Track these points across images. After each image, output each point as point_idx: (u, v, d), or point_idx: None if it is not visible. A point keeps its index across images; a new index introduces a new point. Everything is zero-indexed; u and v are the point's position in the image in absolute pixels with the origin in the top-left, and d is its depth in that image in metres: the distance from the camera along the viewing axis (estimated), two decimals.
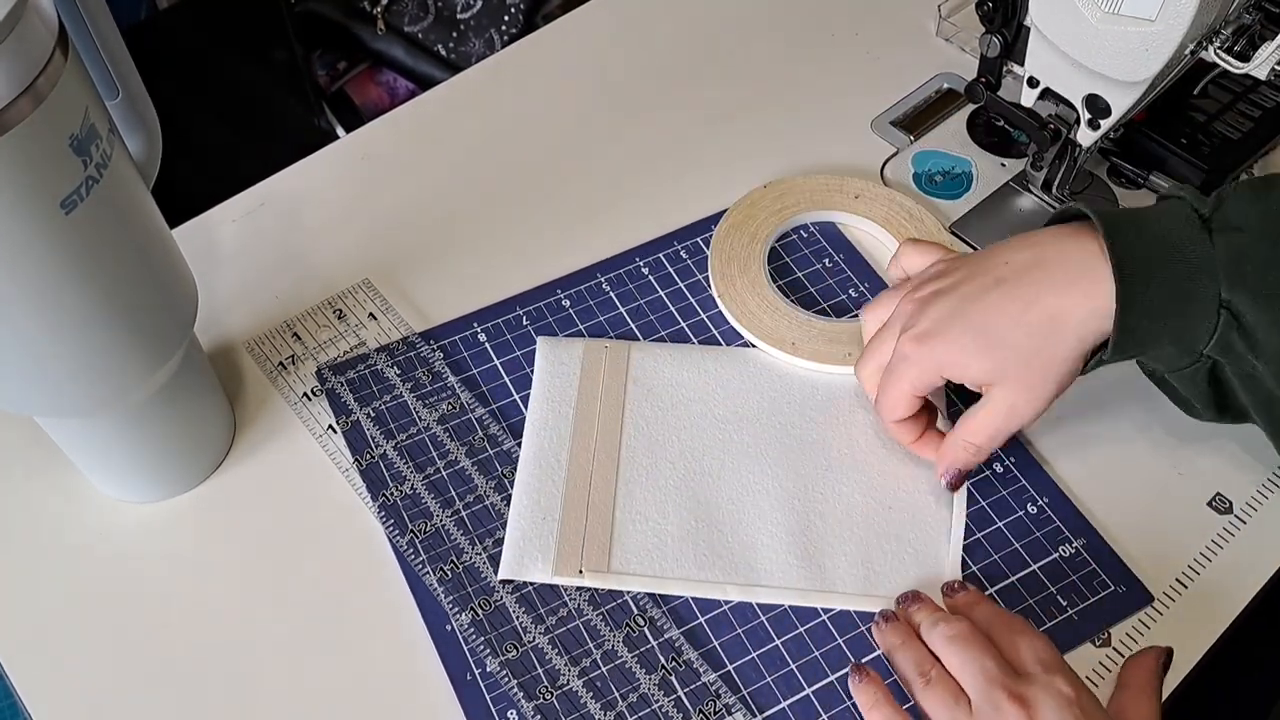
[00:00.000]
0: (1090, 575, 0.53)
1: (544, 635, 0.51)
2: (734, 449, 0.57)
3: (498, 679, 0.50)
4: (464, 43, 1.39)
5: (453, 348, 0.62)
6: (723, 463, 0.56)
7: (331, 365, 0.61)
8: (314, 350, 0.62)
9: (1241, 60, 0.53)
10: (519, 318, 0.63)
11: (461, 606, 0.52)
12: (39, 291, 0.42)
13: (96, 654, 0.52)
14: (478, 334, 0.62)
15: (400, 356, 0.61)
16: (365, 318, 0.63)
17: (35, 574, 0.55)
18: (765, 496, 0.55)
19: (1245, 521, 0.55)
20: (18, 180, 0.39)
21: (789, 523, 0.54)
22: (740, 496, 0.55)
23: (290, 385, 0.61)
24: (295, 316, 0.64)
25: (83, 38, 0.45)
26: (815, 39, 0.79)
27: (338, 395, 0.60)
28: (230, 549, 0.55)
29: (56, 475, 0.57)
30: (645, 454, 0.57)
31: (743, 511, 0.55)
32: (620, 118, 0.75)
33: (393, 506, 0.56)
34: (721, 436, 0.58)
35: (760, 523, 0.54)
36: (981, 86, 0.66)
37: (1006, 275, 0.50)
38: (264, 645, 0.52)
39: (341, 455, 0.58)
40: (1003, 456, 0.57)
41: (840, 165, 0.71)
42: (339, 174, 0.72)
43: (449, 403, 0.59)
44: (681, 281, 0.65)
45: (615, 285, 0.65)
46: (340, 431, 0.58)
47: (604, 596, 0.52)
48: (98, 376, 0.47)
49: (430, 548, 0.54)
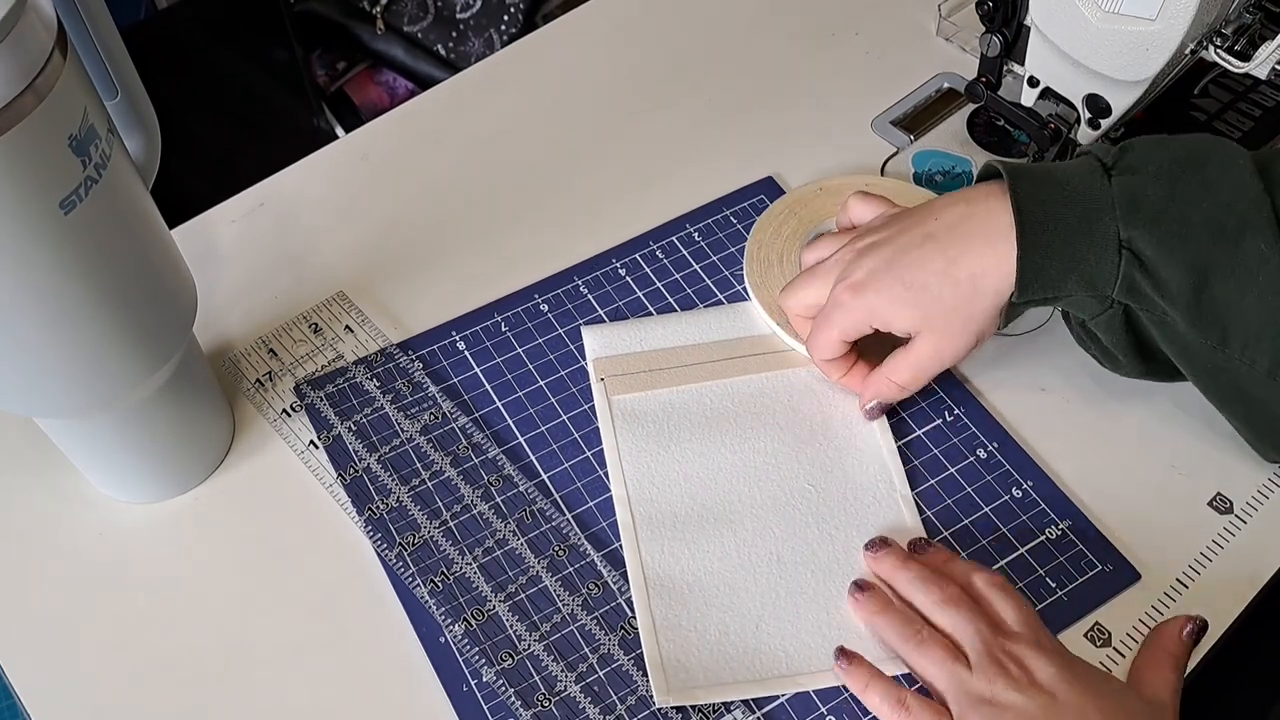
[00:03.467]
0: (1077, 556, 0.53)
1: (539, 643, 0.51)
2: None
3: (494, 689, 0.50)
4: (463, 42, 1.39)
5: (432, 357, 0.61)
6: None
7: (310, 380, 0.60)
8: (291, 366, 0.61)
9: (1242, 60, 0.53)
10: (498, 324, 0.63)
11: (454, 617, 0.52)
12: (38, 292, 0.42)
13: (96, 654, 0.52)
14: (457, 342, 0.62)
15: (379, 368, 0.60)
16: (342, 331, 0.63)
17: (35, 574, 0.55)
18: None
19: (1245, 521, 0.55)
20: (17, 180, 0.39)
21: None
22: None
23: (269, 402, 0.60)
24: (270, 333, 0.63)
25: (82, 37, 0.45)
26: (815, 39, 0.79)
27: (318, 410, 0.59)
28: (229, 549, 0.55)
29: (56, 475, 0.57)
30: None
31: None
32: (619, 118, 0.75)
33: (379, 520, 0.55)
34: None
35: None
36: (982, 86, 0.66)
37: (935, 231, 0.52)
38: (262, 644, 0.52)
39: (325, 471, 0.57)
40: (986, 443, 0.57)
41: (840, 165, 0.71)
42: (338, 174, 0.72)
43: (431, 413, 0.59)
44: (659, 281, 0.65)
45: (593, 287, 0.65)
46: (322, 446, 0.58)
47: (597, 600, 0.52)
48: (97, 377, 0.47)
49: (419, 560, 0.54)
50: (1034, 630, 0.48)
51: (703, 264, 0.65)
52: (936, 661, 0.47)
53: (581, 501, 0.56)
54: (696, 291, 0.64)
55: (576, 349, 0.62)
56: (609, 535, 0.55)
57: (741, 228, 0.67)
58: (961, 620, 0.48)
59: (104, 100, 0.45)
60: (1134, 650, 0.50)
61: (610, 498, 0.56)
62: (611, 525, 0.55)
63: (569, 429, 0.58)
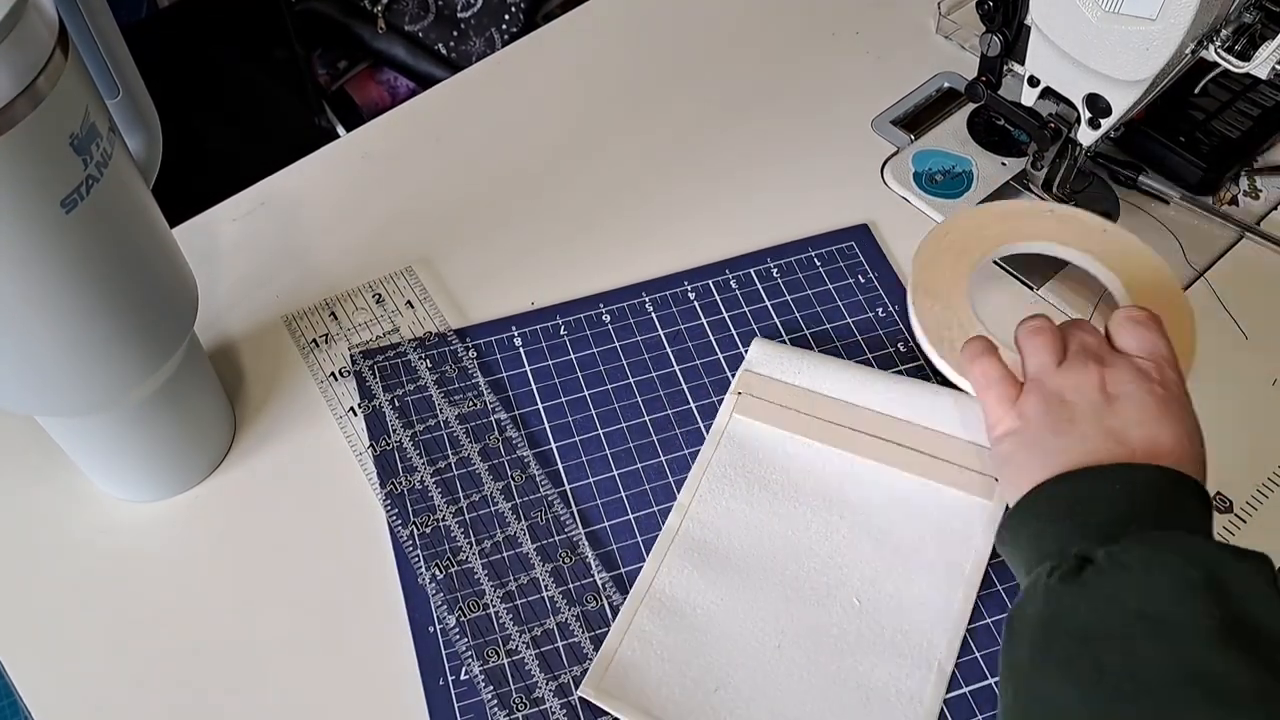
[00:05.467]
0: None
1: (528, 648, 0.51)
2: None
3: (473, 686, 0.50)
4: (464, 42, 1.39)
5: (487, 348, 0.62)
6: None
7: (364, 350, 0.61)
8: (348, 331, 0.63)
9: (1242, 59, 0.53)
10: (557, 326, 0.63)
11: (449, 609, 0.52)
12: (39, 291, 0.42)
13: (96, 653, 0.52)
14: (514, 338, 0.62)
15: (432, 349, 0.61)
16: (403, 305, 0.64)
17: (35, 574, 0.55)
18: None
19: (1245, 521, 0.55)
20: (18, 179, 0.39)
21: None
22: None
23: (320, 363, 0.61)
24: (335, 296, 0.64)
25: (83, 37, 0.45)
26: (815, 39, 0.79)
27: (365, 379, 0.60)
28: (229, 548, 0.55)
29: (57, 475, 0.57)
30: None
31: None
32: (619, 118, 0.75)
33: (399, 496, 0.56)
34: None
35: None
36: (982, 86, 0.66)
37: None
38: (261, 644, 0.52)
39: (358, 439, 0.58)
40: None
41: (840, 165, 0.71)
42: (339, 173, 0.72)
43: (472, 401, 0.59)
44: (726, 311, 0.63)
45: (659, 306, 0.64)
46: (361, 415, 0.59)
47: (595, 618, 0.52)
48: (98, 376, 0.47)
49: (429, 545, 0.54)
50: (1151, 356, 0.48)
51: (775, 301, 0.64)
52: (1040, 346, 0.49)
53: (599, 519, 0.55)
54: (763, 329, 0.62)
55: (630, 365, 0.61)
56: (618, 558, 0.54)
57: (824, 272, 0.65)
58: (1077, 332, 0.50)
59: (105, 99, 0.45)
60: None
61: (628, 520, 0.55)
62: (624, 549, 0.54)
63: (602, 444, 0.58)
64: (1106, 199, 0.68)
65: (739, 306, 0.63)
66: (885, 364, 0.61)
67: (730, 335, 0.62)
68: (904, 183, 0.70)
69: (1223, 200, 0.68)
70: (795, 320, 0.63)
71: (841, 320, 0.63)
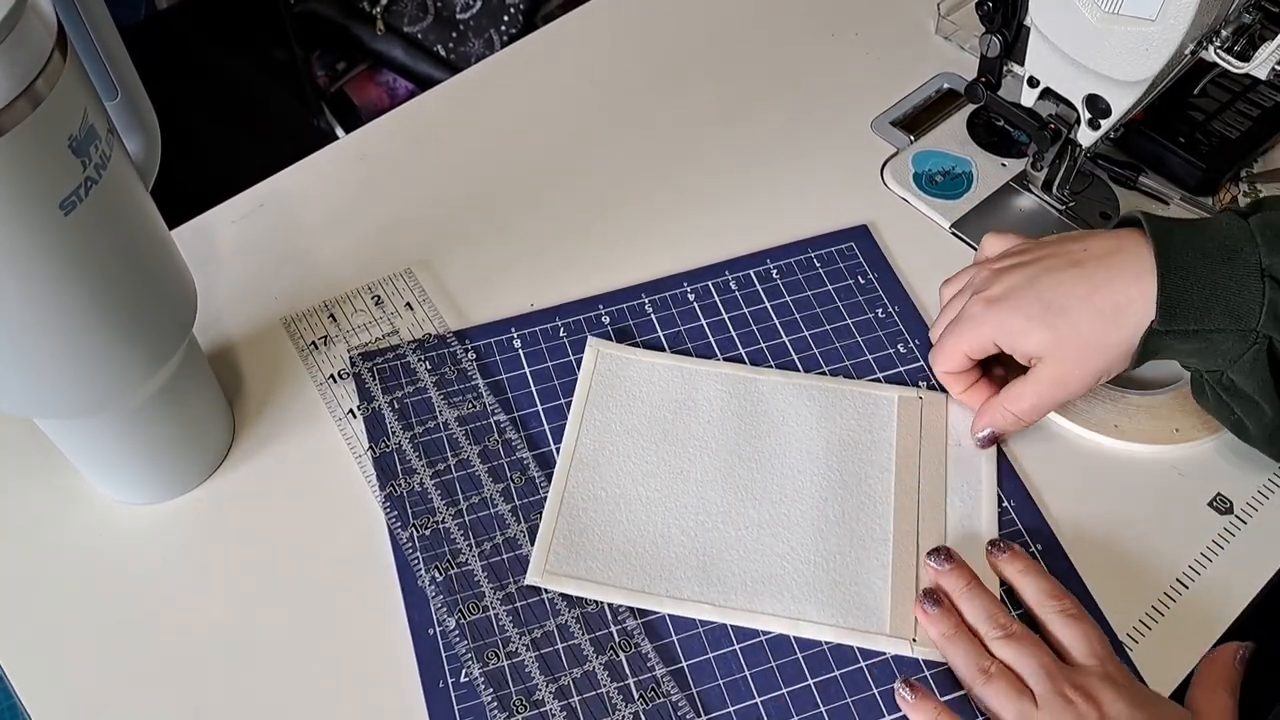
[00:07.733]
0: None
1: (528, 650, 0.51)
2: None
3: (473, 688, 0.50)
4: (463, 43, 1.39)
5: (486, 350, 0.62)
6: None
7: (363, 351, 0.61)
8: (347, 333, 0.63)
9: (1241, 60, 0.53)
10: (557, 328, 0.62)
11: (449, 611, 0.52)
12: (38, 292, 0.42)
13: (96, 654, 0.52)
14: (514, 340, 0.62)
15: (432, 351, 0.61)
16: (402, 306, 0.64)
17: (35, 574, 0.55)
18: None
19: (1245, 522, 0.55)
20: (17, 181, 0.39)
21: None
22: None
23: (319, 365, 0.61)
24: (334, 298, 0.64)
25: (82, 38, 0.45)
26: (815, 39, 0.79)
27: (364, 381, 0.60)
28: (229, 550, 0.55)
29: (56, 476, 0.57)
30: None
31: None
32: (619, 119, 0.75)
33: (398, 499, 0.56)
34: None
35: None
36: (982, 86, 0.65)
37: (1083, 259, 0.52)
38: (260, 645, 0.52)
39: (357, 441, 0.58)
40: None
41: (840, 166, 0.71)
42: (339, 174, 0.72)
43: (471, 403, 0.59)
44: (726, 313, 0.63)
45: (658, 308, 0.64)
46: (360, 417, 0.59)
47: (595, 621, 0.52)
48: (97, 377, 0.47)
49: (429, 547, 0.54)
50: (1102, 661, 0.47)
51: (775, 303, 0.64)
52: (1004, 698, 0.47)
53: None
54: (762, 330, 0.62)
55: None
56: None
57: (824, 273, 0.65)
58: (1025, 655, 0.47)
59: (104, 101, 0.45)
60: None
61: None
62: None
63: None
64: (1106, 200, 0.68)
65: (739, 308, 0.63)
66: (885, 365, 0.61)
67: (730, 337, 0.62)
68: (904, 183, 0.70)
69: (1222, 201, 0.68)
70: (795, 321, 0.63)
71: (841, 321, 0.63)
